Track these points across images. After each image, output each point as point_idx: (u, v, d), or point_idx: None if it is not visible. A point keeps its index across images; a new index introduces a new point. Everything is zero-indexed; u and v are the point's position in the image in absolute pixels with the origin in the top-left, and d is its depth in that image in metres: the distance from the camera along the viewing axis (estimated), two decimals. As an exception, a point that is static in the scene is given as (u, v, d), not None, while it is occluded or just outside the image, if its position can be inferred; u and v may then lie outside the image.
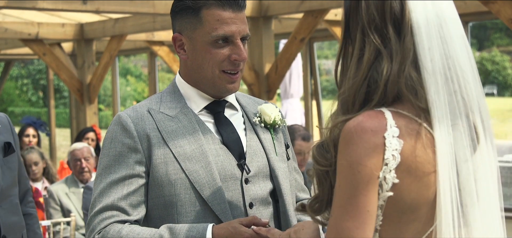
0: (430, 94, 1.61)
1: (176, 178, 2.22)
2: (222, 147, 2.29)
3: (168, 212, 2.23)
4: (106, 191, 2.22)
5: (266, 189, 2.32)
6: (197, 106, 2.34)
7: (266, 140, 2.38)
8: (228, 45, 2.27)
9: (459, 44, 1.66)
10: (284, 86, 9.09)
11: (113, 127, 2.28)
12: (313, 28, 6.97)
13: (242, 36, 2.28)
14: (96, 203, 2.23)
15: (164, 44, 9.75)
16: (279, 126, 2.43)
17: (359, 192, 1.59)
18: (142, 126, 2.25)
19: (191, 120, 2.30)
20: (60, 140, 18.30)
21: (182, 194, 2.22)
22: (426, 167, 1.61)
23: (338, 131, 1.65)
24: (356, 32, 1.68)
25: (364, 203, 1.59)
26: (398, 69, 1.62)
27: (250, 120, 2.40)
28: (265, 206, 2.31)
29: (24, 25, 8.77)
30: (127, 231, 2.17)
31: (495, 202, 1.69)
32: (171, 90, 2.37)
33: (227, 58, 2.27)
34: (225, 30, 2.24)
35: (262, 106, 2.43)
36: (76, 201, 5.86)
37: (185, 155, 2.23)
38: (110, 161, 2.25)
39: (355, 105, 1.66)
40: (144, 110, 2.29)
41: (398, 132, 1.59)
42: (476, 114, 1.65)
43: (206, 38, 2.25)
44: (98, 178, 2.26)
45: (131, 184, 2.22)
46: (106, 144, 2.28)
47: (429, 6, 1.65)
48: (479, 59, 27.10)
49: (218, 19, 2.24)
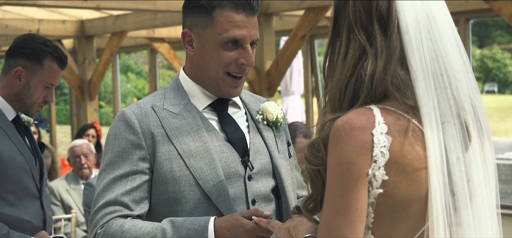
0: (419, 93, 1.61)
1: (181, 174, 2.23)
2: (226, 144, 2.30)
3: (172, 209, 2.24)
4: (109, 187, 2.23)
5: (268, 186, 2.33)
6: (201, 104, 2.34)
7: (269, 137, 2.39)
8: (237, 48, 2.27)
9: (450, 42, 1.66)
10: (285, 84, 9.08)
11: (117, 123, 2.29)
12: (314, 25, 6.96)
13: (252, 41, 2.28)
14: (99, 198, 2.24)
15: (165, 41, 9.73)
16: (281, 124, 2.44)
17: (349, 190, 1.59)
18: (146, 122, 2.26)
19: (195, 117, 2.30)
20: (61, 137, 18.29)
21: (187, 191, 2.23)
22: (415, 164, 1.61)
23: (328, 129, 1.66)
24: (343, 28, 1.70)
25: (354, 201, 1.59)
26: (383, 67, 1.63)
27: (253, 117, 2.41)
28: (267, 202, 2.32)
29: (24, 21, 8.75)
30: (129, 225, 2.18)
31: (490, 201, 1.69)
32: (174, 87, 2.37)
33: (234, 61, 2.27)
34: (236, 33, 2.24)
35: (265, 104, 2.44)
36: (77, 197, 5.86)
37: (189, 152, 2.24)
38: (114, 157, 2.25)
39: (343, 103, 1.67)
40: (148, 107, 2.29)
41: (386, 129, 1.60)
42: (467, 112, 1.65)
43: (216, 38, 2.25)
44: (102, 174, 2.27)
45: (134, 180, 2.23)
46: (110, 140, 2.28)
47: (418, 5, 1.66)
48: (480, 56, 27.06)
49: (230, 21, 2.24)
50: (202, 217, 2.17)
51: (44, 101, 3.36)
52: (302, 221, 1.92)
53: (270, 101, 2.46)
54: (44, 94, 3.34)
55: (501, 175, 10.52)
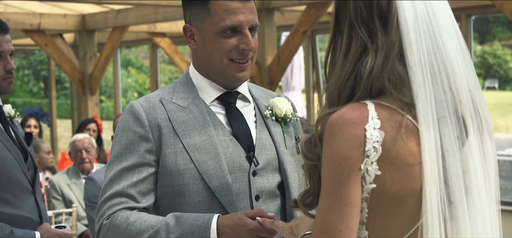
0: (415, 88, 1.62)
1: (185, 168, 2.24)
2: (231, 139, 2.31)
3: (176, 201, 2.25)
4: (116, 178, 2.25)
5: (274, 182, 2.33)
6: (209, 97, 2.35)
7: (277, 133, 2.39)
8: (237, 35, 2.27)
9: (450, 38, 1.67)
10: (286, 79, 9.06)
11: (125, 115, 2.31)
12: (316, 21, 6.95)
13: (251, 26, 2.28)
14: (106, 190, 2.26)
15: (166, 36, 9.72)
16: (290, 120, 2.43)
17: (342, 184, 1.61)
18: (154, 115, 2.27)
19: (202, 110, 2.31)
20: (61, 131, 18.29)
21: (191, 184, 2.24)
22: (409, 159, 1.61)
23: (324, 124, 1.67)
24: (344, 25, 1.71)
25: (347, 195, 1.61)
26: (381, 63, 1.64)
27: (261, 112, 2.41)
28: (272, 198, 2.32)
29: (26, 15, 8.75)
30: (134, 217, 2.19)
31: (489, 196, 1.69)
32: (184, 81, 2.39)
33: (235, 48, 2.27)
34: (233, 20, 2.25)
35: (274, 99, 2.43)
36: (78, 191, 5.86)
37: (194, 146, 2.25)
38: (122, 149, 2.28)
39: (341, 99, 1.68)
40: (156, 100, 2.31)
41: (379, 124, 1.61)
42: (464, 105, 1.66)
43: (214, 28, 2.26)
44: (110, 166, 2.29)
45: (141, 172, 2.25)
46: (119, 132, 2.31)
47: (418, 1, 1.66)
48: (481, 52, 27.02)
49: (225, 10, 2.24)
50: (205, 214, 2.18)
51: (6, 72, 3.29)
52: (304, 219, 1.93)
53: (280, 97, 2.46)
54: (3, 65, 3.28)
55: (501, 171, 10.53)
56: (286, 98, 2.46)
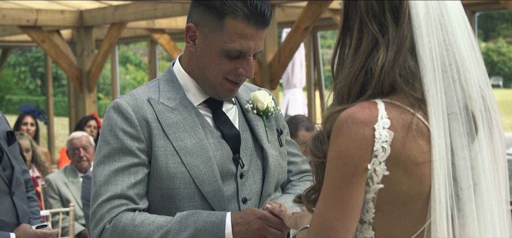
0: (426, 83, 1.61)
1: (176, 171, 2.19)
2: (220, 141, 2.27)
3: (165, 205, 2.21)
4: (111, 180, 2.17)
5: (260, 182, 2.31)
6: (196, 99, 2.29)
7: (259, 126, 2.35)
8: (239, 58, 2.22)
9: (461, 33, 1.66)
10: (287, 76, 9.04)
11: (112, 114, 2.22)
12: (317, 17, 6.89)
13: (255, 52, 2.23)
14: (102, 192, 2.17)
15: (165, 32, 9.66)
16: (272, 114, 2.39)
17: (344, 184, 1.60)
18: (143, 114, 2.21)
19: (191, 112, 2.26)
20: (59, 129, 18.23)
21: (181, 188, 2.19)
22: (418, 158, 1.60)
23: (333, 121, 1.66)
24: (355, 21, 1.70)
25: (348, 196, 1.60)
26: (393, 58, 1.62)
27: (242, 107, 2.36)
28: (259, 200, 2.31)
29: (22, 11, 8.68)
30: (141, 219, 2.14)
31: (499, 194, 1.68)
32: (168, 79, 2.31)
33: (233, 69, 2.22)
34: (243, 45, 2.19)
35: (255, 93, 2.39)
36: (75, 190, 5.83)
37: (186, 149, 2.20)
38: (112, 149, 2.19)
39: (351, 96, 1.67)
40: (143, 99, 2.24)
41: (389, 123, 1.60)
42: (475, 101, 1.64)
43: (221, 45, 2.20)
44: (100, 166, 2.20)
45: (137, 173, 2.19)
46: (106, 132, 2.22)
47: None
48: (485, 50, 26.99)
49: (240, 33, 2.18)
50: (217, 212, 2.18)
51: None
52: (308, 212, 1.91)
53: (261, 90, 2.42)
54: None
55: (505, 170, 10.42)
56: (266, 91, 2.42)
